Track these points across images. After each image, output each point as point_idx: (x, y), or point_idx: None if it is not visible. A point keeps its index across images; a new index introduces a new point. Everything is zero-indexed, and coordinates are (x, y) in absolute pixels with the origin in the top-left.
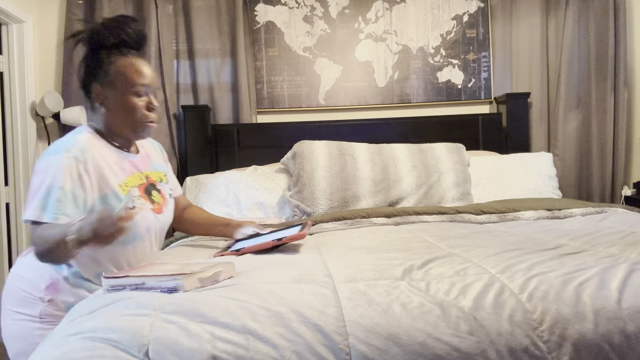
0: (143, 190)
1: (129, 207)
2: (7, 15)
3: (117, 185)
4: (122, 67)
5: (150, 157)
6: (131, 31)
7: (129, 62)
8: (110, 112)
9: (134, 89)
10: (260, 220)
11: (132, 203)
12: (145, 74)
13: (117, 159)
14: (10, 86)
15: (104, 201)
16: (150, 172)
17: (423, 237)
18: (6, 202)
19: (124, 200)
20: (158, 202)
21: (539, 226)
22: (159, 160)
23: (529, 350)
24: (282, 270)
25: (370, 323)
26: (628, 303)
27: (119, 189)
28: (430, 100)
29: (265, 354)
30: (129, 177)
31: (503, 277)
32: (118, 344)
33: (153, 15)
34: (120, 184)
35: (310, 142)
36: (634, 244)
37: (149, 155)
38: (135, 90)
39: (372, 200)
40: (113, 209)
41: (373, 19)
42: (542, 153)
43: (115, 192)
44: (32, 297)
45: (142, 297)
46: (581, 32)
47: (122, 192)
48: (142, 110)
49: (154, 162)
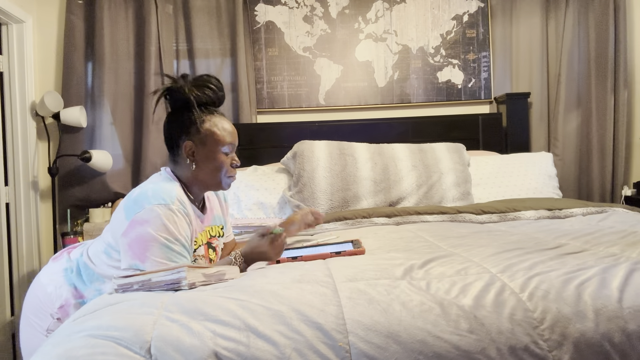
0: (206, 249)
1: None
2: (7, 15)
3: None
4: (213, 125)
5: (213, 210)
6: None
7: (218, 121)
8: (198, 167)
9: (224, 148)
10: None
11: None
12: (232, 133)
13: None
14: (10, 86)
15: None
16: (211, 227)
17: (424, 237)
18: (6, 202)
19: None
20: (213, 260)
21: (539, 226)
22: (220, 213)
23: (529, 349)
24: (283, 270)
25: (370, 321)
26: (629, 302)
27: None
28: (430, 100)
29: (266, 351)
30: (199, 235)
31: (504, 277)
32: (120, 341)
33: (153, 15)
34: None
35: (310, 142)
36: (635, 244)
37: (212, 209)
38: (225, 150)
39: (372, 200)
40: None
41: (373, 19)
42: (542, 153)
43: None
44: (44, 310)
45: (146, 297)
46: (581, 32)
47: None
48: (229, 167)
49: (215, 215)
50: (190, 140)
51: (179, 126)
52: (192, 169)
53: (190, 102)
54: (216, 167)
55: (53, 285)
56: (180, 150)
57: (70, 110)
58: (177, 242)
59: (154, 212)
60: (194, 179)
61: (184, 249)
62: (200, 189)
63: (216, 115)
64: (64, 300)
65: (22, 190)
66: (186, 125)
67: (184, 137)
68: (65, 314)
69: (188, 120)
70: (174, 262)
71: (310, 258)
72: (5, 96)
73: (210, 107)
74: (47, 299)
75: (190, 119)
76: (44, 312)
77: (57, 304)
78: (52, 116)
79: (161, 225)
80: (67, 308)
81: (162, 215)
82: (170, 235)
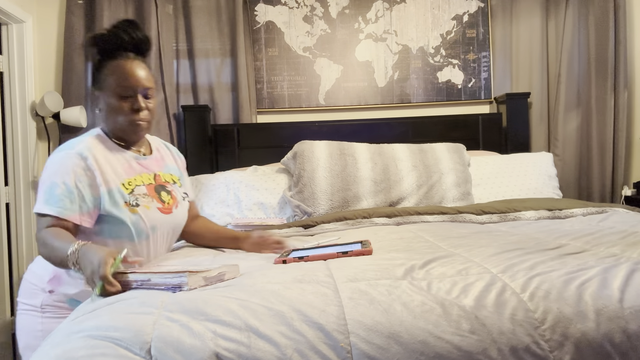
0: (152, 189)
1: (132, 204)
2: (7, 15)
3: (120, 183)
4: (109, 70)
5: (165, 159)
6: (126, 36)
7: (115, 65)
8: (103, 114)
9: (117, 90)
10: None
11: (136, 201)
12: (128, 75)
13: (124, 159)
14: (10, 86)
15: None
16: (162, 173)
17: (424, 237)
18: (6, 202)
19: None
20: (167, 202)
21: (540, 226)
22: (174, 164)
23: (530, 349)
24: (284, 270)
25: (371, 321)
26: (630, 303)
27: (122, 187)
28: (430, 100)
29: (267, 351)
30: (136, 176)
31: (505, 277)
32: (120, 342)
33: (153, 15)
34: (123, 182)
35: (310, 142)
36: (635, 244)
37: (164, 158)
38: (118, 92)
39: (372, 200)
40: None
41: (373, 19)
42: (542, 153)
43: (118, 188)
44: (35, 288)
45: (145, 296)
46: (581, 32)
47: (126, 190)
48: (126, 111)
49: (167, 164)
50: (94, 89)
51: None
52: (100, 116)
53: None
54: (114, 112)
55: (36, 263)
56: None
57: (70, 110)
58: (63, 185)
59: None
60: (106, 126)
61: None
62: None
63: (119, 59)
64: (53, 271)
65: (22, 190)
66: (93, 73)
67: (92, 87)
68: (57, 284)
69: (94, 68)
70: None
71: (317, 258)
72: (5, 96)
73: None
74: (36, 277)
75: (95, 67)
76: (35, 292)
77: (46, 277)
78: (52, 116)
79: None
80: (58, 278)
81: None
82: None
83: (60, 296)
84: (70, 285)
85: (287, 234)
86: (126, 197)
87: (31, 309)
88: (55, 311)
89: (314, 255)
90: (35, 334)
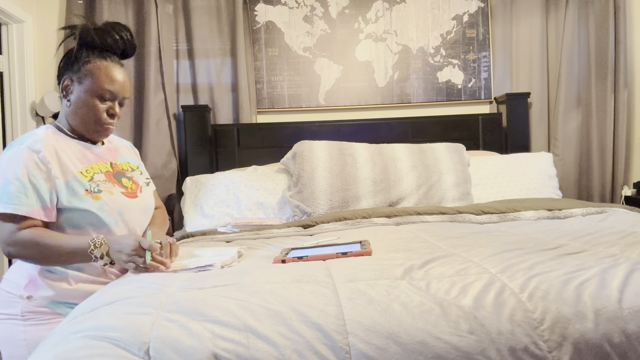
0: (110, 176)
1: (93, 190)
2: (7, 15)
3: (77, 172)
4: (95, 68)
5: (119, 150)
6: (118, 38)
7: (103, 65)
8: (72, 106)
9: (99, 91)
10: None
11: (97, 187)
12: (115, 81)
13: (78, 148)
14: (10, 86)
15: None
16: (118, 162)
17: (424, 237)
18: None
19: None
20: (130, 187)
21: (539, 226)
22: (130, 155)
23: (529, 350)
24: (283, 270)
25: (370, 322)
26: (629, 303)
27: (80, 175)
28: (430, 100)
29: (266, 352)
30: (92, 164)
31: (503, 277)
32: (119, 342)
33: (153, 15)
34: (81, 170)
35: (310, 142)
36: (635, 244)
37: (117, 149)
38: (100, 94)
39: (372, 200)
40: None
41: (373, 19)
42: (542, 153)
43: (76, 177)
44: (12, 297)
45: (144, 296)
46: (581, 32)
47: (84, 177)
48: (102, 113)
49: (122, 154)
50: (69, 77)
51: (66, 62)
52: (66, 106)
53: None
54: (87, 110)
55: (11, 272)
56: (60, 85)
57: None
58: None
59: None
60: (68, 118)
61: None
62: (84, 131)
63: (108, 60)
64: (28, 276)
65: None
66: (72, 61)
67: (65, 73)
68: (34, 289)
69: (75, 57)
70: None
71: (317, 258)
72: (5, 96)
73: (108, 53)
74: (11, 285)
75: (76, 56)
76: (12, 300)
77: (22, 283)
78: (52, 116)
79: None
80: (34, 282)
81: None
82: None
83: (40, 300)
84: (47, 287)
85: (287, 234)
86: (86, 185)
87: (11, 317)
88: (37, 317)
89: (313, 255)
90: (19, 343)
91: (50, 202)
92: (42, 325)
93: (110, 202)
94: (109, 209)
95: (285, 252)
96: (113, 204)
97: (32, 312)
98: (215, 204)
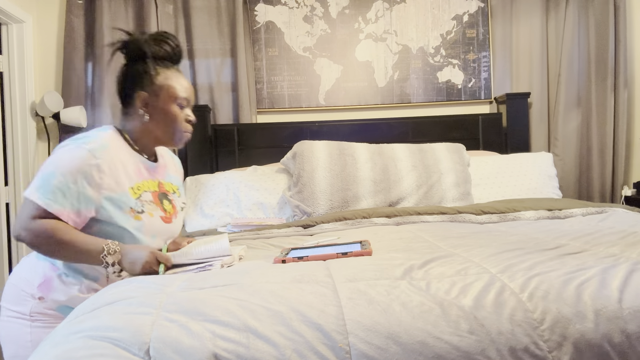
0: (156, 196)
1: (137, 210)
2: (7, 15)
3: (128, 187)
4: (167, 78)
5: (167, 168)
6: (175, 46)
7: (173, 75)
8: (152, 119)
9: (177, 100)
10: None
11: (142, 207)
12: (186, 88)
13: (135, 162)
14: (10, 86)
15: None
16: (164, 181)
17: (424, 237)
18: (6, 202)
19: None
20: (169, 212)
21: (539, 226)
22: (175, 174)
23: (529, 350)
24: (283, 270)
25: (370, 322)
26: (629, 303)
27: (130, 191)
28: (430, 100)
29: (266, 352)
30: (143, 182)
31: (504, 277)
32: (119, 342)
33: (153, 15)
34: (132, 186)
35: (310, 142)
36: (635, 244)
37: (167, 166)
38: (178, 102)
39: (372, 200)
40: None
41: (373, 19)
42: (542, 153)
43: (125, 193)
44: (24, 294)
45: (144, 296)
46: (581, 32)
47: (133, 195)
48: (182, 121)
49: (170, 173)
50: (144, 91)
51: (133, 77)
52: (145, 120)
53: (146, 54)
54: (170, 120)
55: (26, 268)
56: (133, 101)
57: (70, 110)
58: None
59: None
60: (146, 131)
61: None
62: (150, 141)
63: (172, 69)
64: (42, 276)
65: (22, 190)
66: (141, 76)
67: (138, 88)
68: (47, 290)
69: (143, 71)
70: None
71: (317, 258)
72: (5, 96)
73: (167, 62)
74: (24, 282)
75: (145, 71)
76: (23, 297)
77: (35, 282)
78: (52, 116)
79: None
80: (49, 283)
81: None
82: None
83: (50, 303)
84: (61, 291)
85: (287, 234)
86: (132, 203)
87: (19, 316)
88: (45, 319)
89: (313, 255)
90: (24, 343)
91: (85, 210)
92: (49, 328)
93: (149, 225)
94: (145, 231)
95: (285, 252)
96: (150, 227)
97: (40, 314)
98: (215, 204)
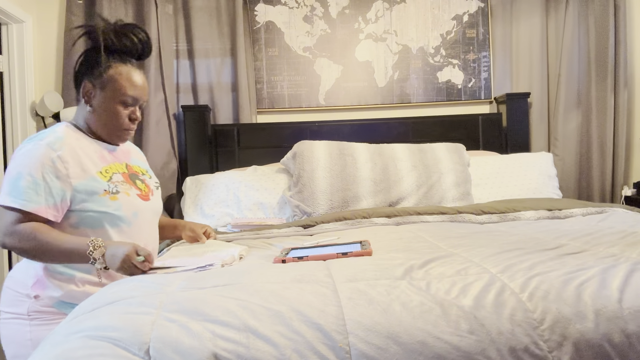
0: (127, 177)
1: (112, 191)
2: (7, 15)
3: (96, 171)
4: (117, 74)
5: (130, 153)
6: (137, 41)
7: (125, 71)
8: (93, 111)
9: (122, 97)
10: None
11: (116, 188)
12: (137, 86)
13: (96, 149)
14: (10, 86)
15: (86, 186)
16: (131, 164)
17: (424, 237)
18: None
19: (106, 185)
20: (144, 190)
21: (539, 226)
22: (140, 158)
23: (529, 350)
24: (283, 270)
25: (370, 322)
26: (629, 303)
27: (99, 175)
28: (430, 100)
29: (266, 352)
30: (110, 165)
31: (504, 277)
32: (119, 342)
33: (153, 15)
34: (100, 170)
35: (310, 142)
36: (635, 244)
37: (129, 151)
38: (123, 100)
39: (372, 200)
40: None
41: (373, 19)
42: (542, 153)
43: (94, 177)
44: (19, 295)
45: (144, 295)
46: (581, 32)
47: (103, 178)
48: (125, 119)
49: (134, 157)
50: (90, 82)
51: (86, 66)
52: (87, 110)
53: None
54: (108, 116)
55: (19, 270)
56: (80, 89)
57: (70, 110)
58: (29, 176)
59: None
60: (88, 121)
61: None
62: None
63: (128, 65)
64: (35, 276)
65: None
66: (92, 66)
67: (86, 78)
68: (41, 288)
69: (95, 62)
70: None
71: (317, 258)
72: (5, 96)
73: (125, 56)
74: (18, 284)
75: (97, 61)
76: (19, 299)
77: (29, 283)
78: (52, 116)
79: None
80: (42, 281)
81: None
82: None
83: (47, 300)
84: (55, 288)
85: (287, 234)
86: (105, 185)
87: (17, 317)
88: (44, 317)
89: (313, 255)
90: (24, 342)
91: (61, 203)
92: (48, 325)
93: (127, 204)
94: (125, 210)
95: (285, 252)
96: (129, 205)
97: (38, 312)
98: (215, 204)
